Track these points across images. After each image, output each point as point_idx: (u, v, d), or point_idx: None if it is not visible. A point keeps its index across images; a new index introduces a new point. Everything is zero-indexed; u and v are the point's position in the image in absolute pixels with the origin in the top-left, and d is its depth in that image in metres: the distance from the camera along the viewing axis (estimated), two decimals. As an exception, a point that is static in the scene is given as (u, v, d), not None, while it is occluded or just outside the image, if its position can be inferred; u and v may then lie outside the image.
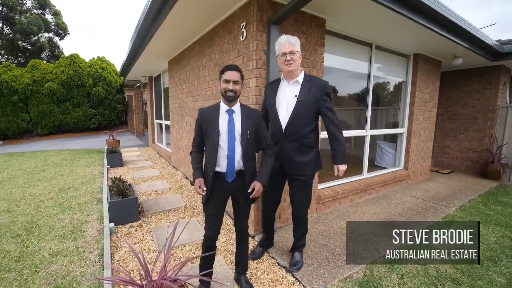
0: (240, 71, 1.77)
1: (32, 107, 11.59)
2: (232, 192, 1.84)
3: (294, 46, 1.99)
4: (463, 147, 5.83)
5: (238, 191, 1.81)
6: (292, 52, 1.98)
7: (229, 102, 1.76)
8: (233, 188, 1.80)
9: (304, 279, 2.06)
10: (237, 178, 1.78)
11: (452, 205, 3.73)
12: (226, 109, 1.77)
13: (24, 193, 4.01)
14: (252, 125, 1.79)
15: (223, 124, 1.74)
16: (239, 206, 1.89)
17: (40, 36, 18.38)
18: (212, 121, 1.75)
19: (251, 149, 1.81)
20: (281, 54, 2.03)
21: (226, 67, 1.76)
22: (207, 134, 1.77)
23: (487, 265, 2.36)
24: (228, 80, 1.71)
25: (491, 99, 5.37)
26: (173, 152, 6.05)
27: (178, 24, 3.40)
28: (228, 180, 1.76)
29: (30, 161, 6.44)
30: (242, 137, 1.74)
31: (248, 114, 1.80)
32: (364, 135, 4.06)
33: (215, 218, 1.84)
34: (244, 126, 1.76)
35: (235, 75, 1.73)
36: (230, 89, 1.71)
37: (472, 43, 3.88)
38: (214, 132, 1.72)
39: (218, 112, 1.78)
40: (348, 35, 3.45)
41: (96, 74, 12.88)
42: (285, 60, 2.01)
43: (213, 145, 1.73)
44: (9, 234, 2.76)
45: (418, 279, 2.14)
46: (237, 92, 1.75)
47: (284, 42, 2.01)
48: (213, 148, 1.73)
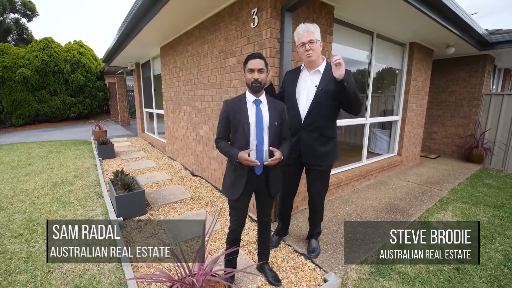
0: (264, 58, 1.70)
1: (4, 95, 10.72)
2: (258, 185, 1.81)
3: (313, 34, 1.94)
4: (449, 133, 6.15)
5: (263, 186, 1.80)
6: (311, 41, 1.93)
7: (255, 92, 1.71)
8: (260, 181, 1.78)
9: (324, 265, 2.14)
10: (265, 170, 1.76)
11: (445, 188, 3.97)
12: (253, 100, 1.72)
13: (14, 189, 3.78)
14: (279, 116, 1.76)
15: (252, 115, 1.70)
16: (264, 199, 1.88)
17: (5, 18, 16.75)
18: (241, 112, 1.70)
19: (278, 141, 1.80)
20: (300, 45, 1.98)
21: (249, 56, 1.70)
22: (236, 125, 1.71)
23: (483, 243, 2.57)
24: (253, 69, 1.66)
25: (477, 87, 5.64)
26: (169, 142, 5.89)
27: (179, 8, 3.21)
28: (257, 172, 1.74)
29: (11, 154, 6.03)
30: (270, 128, 1.72)
31: (274, 106, 1.77)
32: (364, 123, 4.16)
33: (242, 211, 1.83)
34: (272, 117, 1.73)
35: (260, 63, 1.67)
36: (255, 79, 1.66)
37: (465, 31, 4.00)
38: (245, 124, 1.67)
39: (245, 102, 1.73)
40: (353, 23, 3.44)
41: (74, 59, 12.04)
42: (304, 50, 1.96)
43: (243, 136, 1.68)
44: (10, 234, 2.61)
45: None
46: (263, 81, 1.70)
47: (303, 32, 1.96)
48: (243, 139, 1.68)
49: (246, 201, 1.84)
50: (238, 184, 1.72)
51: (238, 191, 1.72)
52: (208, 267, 1.50)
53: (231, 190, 1.76)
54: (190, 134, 4.55)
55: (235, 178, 1.73)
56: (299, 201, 3.07)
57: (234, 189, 1.74)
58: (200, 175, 4.38)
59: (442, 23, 3.30)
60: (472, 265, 2.21)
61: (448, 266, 2.20)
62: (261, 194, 1.86)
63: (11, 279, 2.01)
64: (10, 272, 2.08)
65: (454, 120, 6.03)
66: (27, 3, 17.31)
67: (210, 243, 2.49)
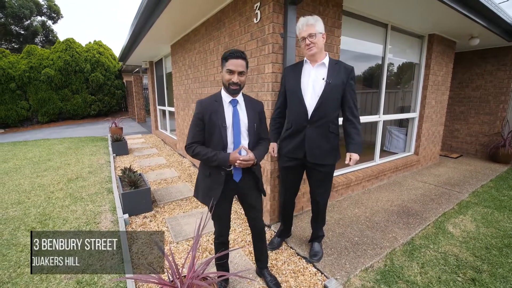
0: (245, 58, 1.54)
1: (30, 94, 11.36)
2: (240, 191, 1.69)
3: (313, 27, 1.83)
4: (473, 131, 5.75)
5: (247, 189, 1.68)
6: (311, 35, 1.83)
7: (232, 94, 1.57)
8: (241, 187, 1.66)
9: (326, 270, 2.05)
10: (244, 176, 1.64)
11: (465, 190, 3.70)
12: (230, 100, 1.59)
13: (33, 184, 3.97)
14: (258, 117, 1.66)
15: (229, 117, 1.57)
16: (251, 204, 1.74)
17: (33, 20, 17.71)
18: (217, 114, 1.55)
19: (256, 143, 1.69)
20: (301, 39, 1.90)
21: (230, 53, 1.50)
22: (212, 128, 1.55)
23: (506, 253, 2.35)
24: (233, 71, 1.49)
25: (505, 82, 5.21)
26: (179, 139, 5.97)
27: (184, 5, 3.19)
28: (235, 179, 1.62)
29: (34, 150, 6.37)
30: (249, 130, 1.61)
31: (252, 106, 1.66)
32: (377, 120, 3.96)
33: (224, 219, 1.72)
34: (250, 118, 1.61)
35: (241, 65, 1.50)
36: (234, 82, 1.51)
37: (490, 21, 3.67)
38: (221, 127, 1.53)
39: (222, 103, 1.58)
40: (364, 15, 3.26)
41: (94, 59, 12.51)
42: (305, 44, 1.88)
43: (220, 140, 1.55)
44: (23, 227, 2.74)
45: (439, 268, 2.13)
46: (242, 84, 1.55)
47: (302, 26, 1.87)
48: (221, 144, 1.55)
49: (228, 209, 1.73)
50: (213, 192, 1.59)
51: (214, 199, 1.57)
52: (200, 268, 1.47)
53: (206, 199, 1.63)
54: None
55: (210, 186, 1.61)
56: (305, 202, 2.98)
57: (209, 198, 1.60)
58: (208, 173, 4.38)
59: (464, 12, 3.03)
60: (491, 276, 2.04)
61: (463, 276, 2.03)
62: (249, 197, 1.72)
63: (20, 271, 2.10)
64: (20, 264, 2.17)
65: (479, 117, 5.62)
66: (52, 6, 18.19)
67: (211, 242, 2.47)
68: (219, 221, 1.73)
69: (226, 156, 1.51)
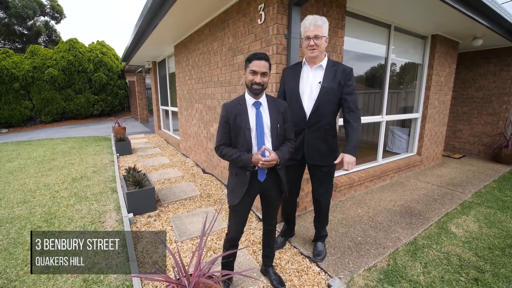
0: (268, 60, 1.59)
1: (34, 94, 11.43)
2: (263, 191, 1.74)
3: (321, 29, 1.83)
4: (475, 131, 5.74)
5: (270, 189, 1.72)
6: (317, 37, 1.83)
7: (255, 95, 1.61)
8: (265, 186, 1.70)
9: (330, 269, 2.06)
10: (268, 176, 1.69)
11: (468, 191, 3.71)
12: (253, 102, 1.62)
13: (38, 183, 4.02)
14: (281, 118, 1.69)
15: (252, 119, 1.61)
16: (270, 203, 1.80)
17: (36, 20, 17.82)
18: (241, 116, 1.60)
19: (281, 144, 1.72)
20: (305, 38, 1.89)
21: (254, 55, 1.56)
22: (237, 130, 1.61)
23: (508, 253, 2.36)
24: (256, 72, 1.54)
25: (508, 82, 5.19)
26: (182, 139, 6.00)
27: (188, 6, 3.22)
28: (260, 179, 1.67)
29: (38, 150, 6.43)
30: (272, 131, 1.64)
31: (276, 106, 1.69)
32: (380, 121, 3.97)
33: (242, 220, 1.76)
34: (273, 119, 1.64)
35: (264, 66, 1.55)
36: (257, 82, 1.55)
37: (493, 22, 3.67)
38: (246, 129, 1.58)
39: (245, 105, 1.63)
40: (367, 16, 3.27)
41: (97, 59, 12.57)
42: (308, 44, 1.87)
43: (245, 142, 1.60)
44: (29, 226, 2.77)
45: (441, 268, 2.14)
46: (265, 84, 1.59)
47: (309, 25, 1.84)
48: (245, 145, 1.60)
49: (248, 211, 1.77)
50: (238, 190, 1.65)
51: (238, 196, 1.64)
52: (206, 267, 1.49)
53: (232, 195, 1.69)
54: (202, 131, 4.59)
55: (236, 184, 1.67)
56: (308, 202, 3.00)
57: (234, 194, 1.67)
58: (211, 173, 4.41)
59: (467, 13, 3.04)
60: (494, 276, 2.05)
61: (465, 276, 2.05)
62: (271, 196, 1.77)
63: (28, 269, 2.13)
64: (27, 262, 2.20)
65: (482, 117, 5.61)
66: (55, 6, 18.29)
67: (215, 241, 2.49)
68: (235, 223, 1.75)
69: (249, 158, 1.55)
